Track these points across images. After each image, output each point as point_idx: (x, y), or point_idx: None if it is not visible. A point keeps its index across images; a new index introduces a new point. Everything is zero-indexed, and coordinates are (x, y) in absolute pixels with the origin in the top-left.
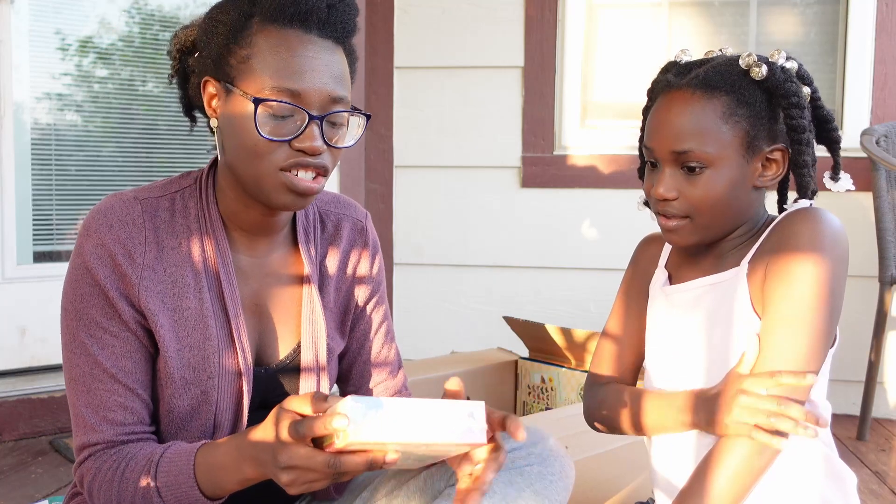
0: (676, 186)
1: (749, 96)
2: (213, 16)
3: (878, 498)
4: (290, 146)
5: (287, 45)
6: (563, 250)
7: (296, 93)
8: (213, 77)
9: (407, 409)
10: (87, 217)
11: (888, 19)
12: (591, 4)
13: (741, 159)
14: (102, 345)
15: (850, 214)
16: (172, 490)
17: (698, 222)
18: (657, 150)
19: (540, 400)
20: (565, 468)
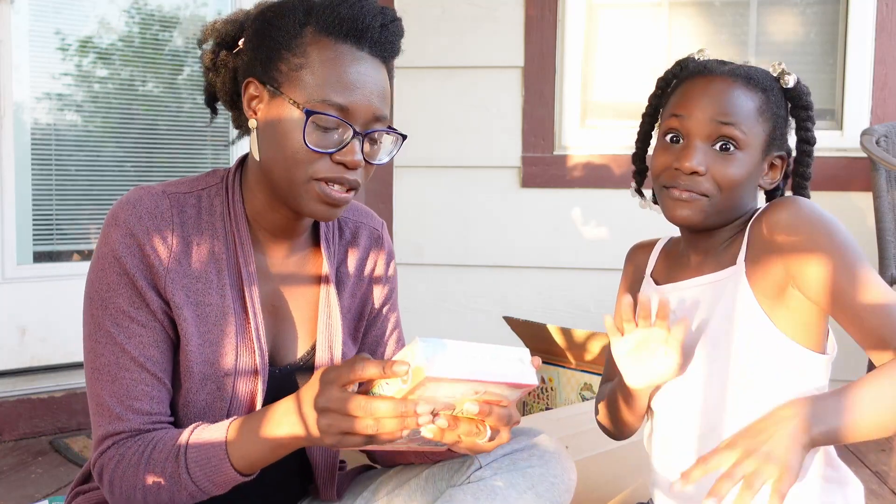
0: (706, 162)
1: (777, 100)
2: (266, 18)
3: (879, 498)
4: (331, 158)
5: (340, 60)
6: (563, 250)
7: (344, 108)
8: (259, 80)
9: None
10: (115, 207)
11: (888, 19)
12: (591, 4)
13: (759, 155)
14: (129, 334)
15: (850, 214)
16: (202, 465)
17: (716, 203)
18: (697, 118)
19: (540, 400)
20: (567, 470)
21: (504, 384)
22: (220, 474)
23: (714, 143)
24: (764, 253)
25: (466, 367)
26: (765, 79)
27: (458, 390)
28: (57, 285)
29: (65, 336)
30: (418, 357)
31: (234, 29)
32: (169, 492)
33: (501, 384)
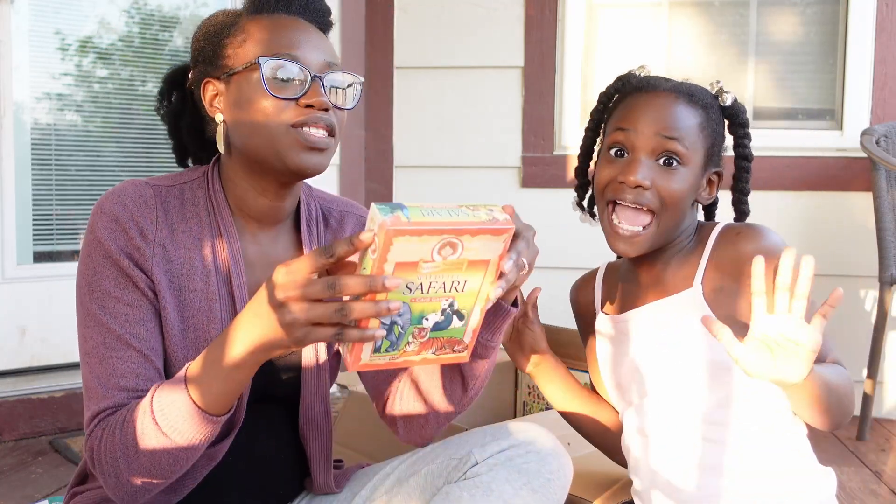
0: (651, 176)
1: (717, 117)
2: (200, 30)
3: (878, 497)
4: (298, 104)
5: (279, 24)
6: (563, 250)
7: (294, 56)
8: (212, 76)
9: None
10: (101, 199)
11: (888, 19)
12: (591, 4)
13: (700, 171)
14: (115, 314)
15: (850, 214)
16: (166, 412)
17: (662, 221)
18: (642, 132)
19: (540, 400)
20: (563, 466)
21: (478, 230)
22: (186, 416)
23: (658, 157)
24: (730, 280)
25: (431, 216)
26: (705, 96)
27: (429, 246)
28: (57, 285)
29: (65, 336)
30: (378, 217)
31: (177, 71)
32: (148, 454)
33: (474, 230)
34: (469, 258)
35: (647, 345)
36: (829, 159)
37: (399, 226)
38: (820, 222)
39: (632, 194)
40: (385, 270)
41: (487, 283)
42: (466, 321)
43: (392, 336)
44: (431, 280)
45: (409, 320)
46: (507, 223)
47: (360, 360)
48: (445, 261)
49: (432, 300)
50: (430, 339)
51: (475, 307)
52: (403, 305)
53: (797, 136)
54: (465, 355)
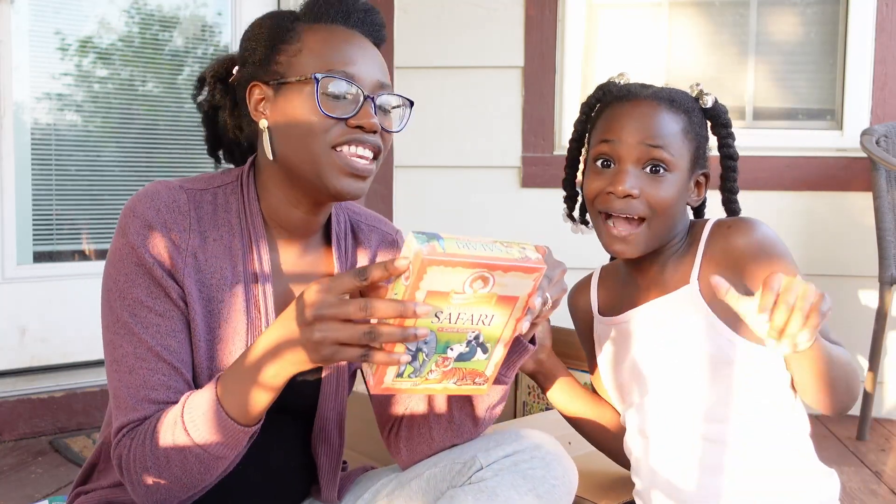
0: (639, 185)
1: (699, 120)
2: (253, 29)
3: (878, 497)
4: (347, 124)
5: (337, 37)
6: (563, 250)
7: (351, 75)
8: (261, 80)
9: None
10: (133, 200)
11: (888, 19)
12: (591, 4)
13: (687, 175)
14: (147, 324)
15: (850, 214)
16: (197, 422)
17: (654, 225)
18: (627, 142)
19: (540, 400)
20: (568, 471)
21: (510, 267)
22: (217, 426)
23: (644, 165)
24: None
25: (466, 249)
26: (686, 100)
27: (462, 278)
28: (57, 285)
29: (65, 336)
30: (414, 245)
31: (224, 63)
32: (179, 463)
33: (506, 267)
34: (499, 293)
35: (646, 344)
36: (829, 159)
37: (434, 255)
38: (820, 222)
39: (621, 204)
40: (416, 298)
41: (513, 319)
42: (490, 354)
43: (416, 363)
44: (460, 311)
45: (435, 349)
46: (539, 262)
47: (382, 382)
48: (476, 294)
49: (459, 331)
50: (452, 369)
51: (499, 342)
52: (430, 333)
53: (797, 136)
54: (485, 388)
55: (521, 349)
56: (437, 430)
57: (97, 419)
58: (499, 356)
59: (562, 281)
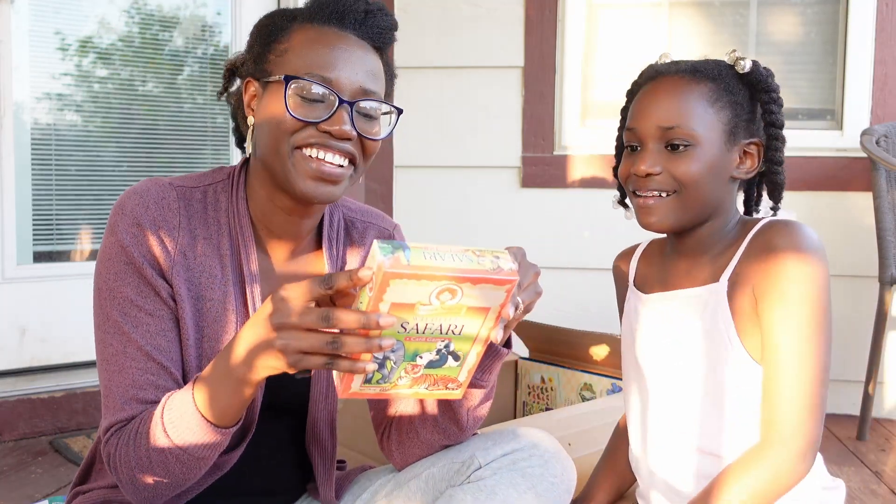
0: (660, 162)
1: (733, 86)
2: (258, 25)
3: (878, 497)
4: (318, 129)
5: (323, 39)
6: (563, 250)
7: (328, 79)
8: (253, 76)
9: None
10: (122, 197)
11: (888, 19)
12: (591, 4)
13: (722, 146)
14: (136, 323)
15: (850, 214)
16: (177, 423)
17: (683, 198)
18: (642, 128)
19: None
20: (567, 470)
21: (479, 279)
22: (194, 428)
23: (665, 144)
24: (746, 271)
25: (433, 261)
26: (714, 68)
27: (429, 290)
28: (57, 285)
29: (64, 336)
30: (377, 257)
31: (241, 59)
32: (161, 464)
33: (475, 279)
34: (468, 304)
35: (657, 334)
36: (829, 159)
37: (397, 268)
38: (820, 222)
39: (646, 183)
40: (380, 309)
41: (486, 328)
42: (462, 362)
43: (384, 370)
44: (428, 322)
45: (403, 357)
46: (511, 274)
47: (349, 388)
48: (444, 305)
49: (428, 340)
50: (423, 376)
51: (472, 350)
52: (397, 342)
53: (797, 136)
54: (459, 393)
55: (495, 353)
56: (423, 432)
57: (97, 419)
58: (472, 362)
59: (535, 284)
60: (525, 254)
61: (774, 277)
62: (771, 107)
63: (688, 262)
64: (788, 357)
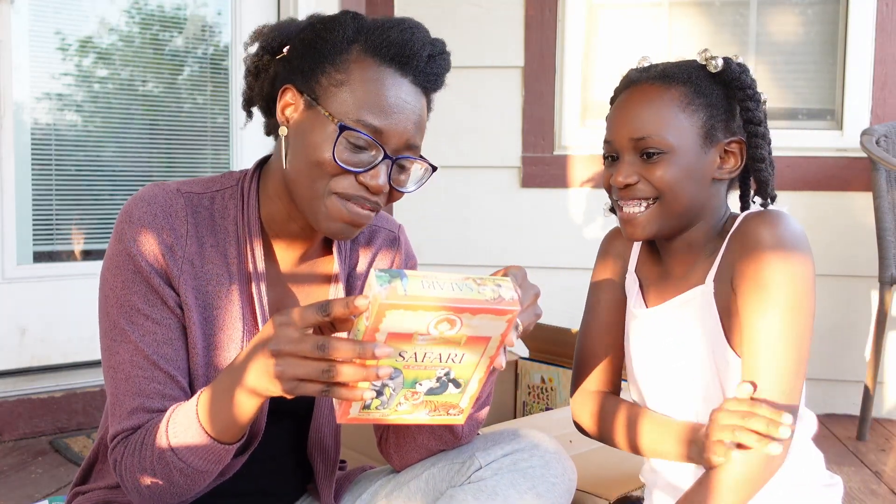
0: (636, 171)
1: (706, 88)
2: (315, 29)
3: (878, 497)
4: (356, 178)
5: (381, 83)
6: (563, 250)
7: (378, 130)
8: (297, 88)
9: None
10: (129, 203)
11: (888, 19)
12: (591, 4)
13: (698, 149)
14: (144, 332)
15: (850, 214)
16: (180, 438)
17: (664, 205)
18: (616, 140)
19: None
20: (567, 470)
21: (478, 310)
22: (198, 444)
23: (640, 153)
24: (727, 267)
25: (430, 291)
26: (685, 71)
27: (426, 321)
28: (57, 285)
29: (65, 336)
30: (374, 287)
31: (280, 35)
32: (165, 476)
33: (474, 309)
34: (468, 334)
35: (651, 345)
36: (829, 159)
37: (393, 300)
38: (820, 222)
39: (626, 193)
40: (377, 339)
41: (487, 357)
42: (463, 389)
43: (383, 397)
44: (426, 351)
45: (402, 384)
46: (512, 303)
47: (347, 413)
48: (442, 335)
49: (427, 368)
50: (424, 402)
51: (473, 377)
52: (395, 370)
53: (797, 136)
54: (462, 419)
55: None
56: (420, 437)
57: (97, 419)
58: (474, 389)
59: (535, 306)
60: (526, 274)
61: (748, 268)
62: (747, 104)
63: (681, 266)
64: (761, 348)
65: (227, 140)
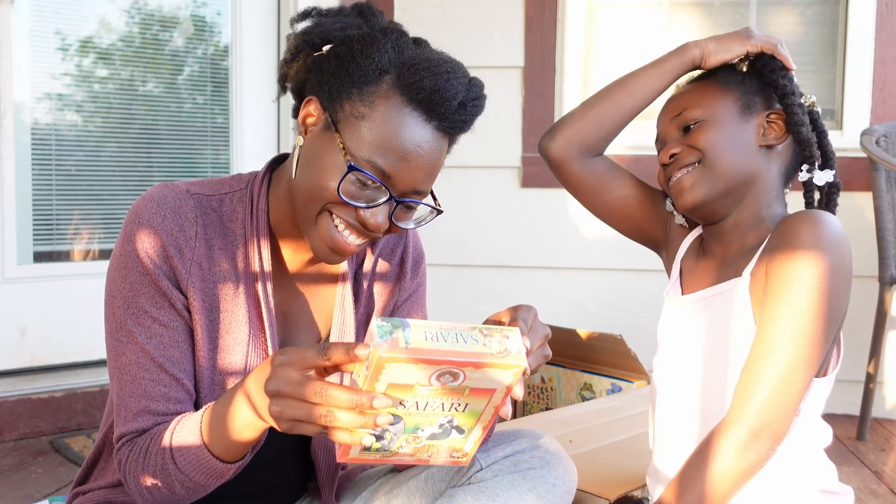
0: (679, 144)
1: (737, 75)
2: (353, 47)
3: (878, 497)
4: (357, 212)
5: (402, 126)
6: (563, 250)
7: (388, 174)
8: (321, 104)
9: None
10: (139, 204)
11: (888, 19)
12: (591, 4)
13: (737, 117)
14: (150, 334)
15: (850, 214)
16: (184, 453)
17: (707, 166)
18: (660, 129)
19: (540, 400)
20: (568, 471)
21: (482, 364)
22: (201, 462)
23: (681, 130)
24: (763, 262)
25: (433, 344)
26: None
27: (427, 373)
28: (57, 285)
29: (65, 336)
30: (375, 337)
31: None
32: (167, 486)
33: (478, 364)
34: (472, 386)
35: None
36: None
37: (393, 353)
38: None
39: (672, 165)
40: (376, 388)
41: (492, 407)
42: (467, 435)
43: (384, 441)
44: (428, 400)
45: (403, 430)
46: (518, 358)
47: (348, 454)
48: (445, 386)
49: (429, 416)
50: (426, 446)
51: (477, 425)
52: (395, 417)
53: None
54: (466, 461)
55: None
56: None
57: (97, 419)
58: (477, 435)
59: (544, 347)
60: (536, 314)
61: (779, 261)
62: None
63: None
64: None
65: (227, 140)
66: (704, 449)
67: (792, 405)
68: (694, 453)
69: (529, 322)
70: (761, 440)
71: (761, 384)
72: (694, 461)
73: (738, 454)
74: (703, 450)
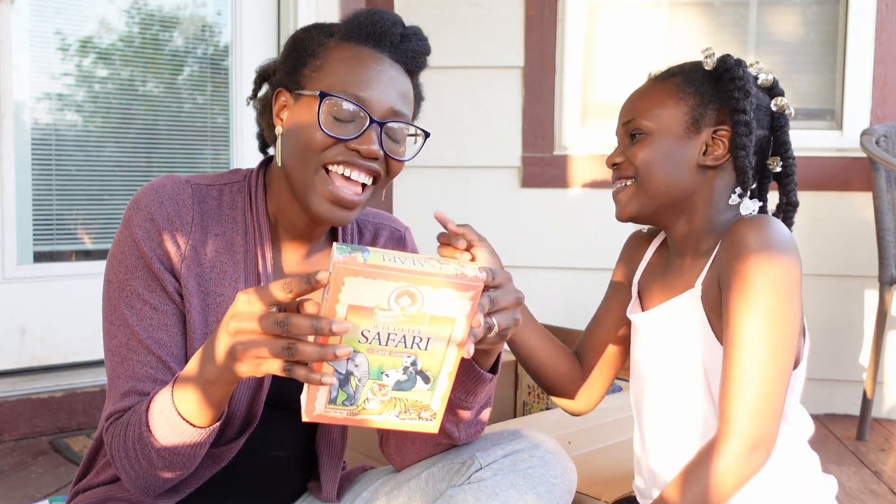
0: (622, 152)
1: (698, 80)
2: (295, 36)
3: (878, 497)
4: (346, 146)
5: (358, 58)
6: (563, 250)
7: (361, 98)
8: (286, 87)
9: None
10: (139, 192)
11: (888, 19)
12: (591, 4)
13: (681, 133)
14: (141, 316)
15: (850, 214)
16: (157, 421)
17: (640, 184)
18: (617, 125)
19: (540, 400)
20: (567, 471)
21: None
22: (173, 426)
23: (627, 136)
24: (716, 270)
25: (391, 262)
26: (684, 67)
27: (386, 292)
28: (57, 285)
29: (65, 336)
30: (334, 255)
31: (273, 66)
32: (146, 459)
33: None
34: (431, 313)
35: (647, 348)
36: (829, 159)
37: (352, 265)
38: (820, 222)
39: (615, 173)
40: (337, 312)
41: (454, 345)
42: (433, 386)
43: (349, 388)
44: (389, 331)
45: (367, 373)
46: (475, 280)
47: (314, 408)
48: (404, 311)
49: (392, 354)
50: (392, 399)
51: (442, 371)
52: (360, 356)
53: (797, 136)
54: (434, 425)
55: (476, 377)
56: (418, 440)
57: (97, 419)
58: (444, 388)
59: (514, 311)
60: (511, 278)
61: (733, 271)
62: (732, 93)
63: (679, 266)
64: (744, 351)
65: (227, 140)
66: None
67: (780, 410)
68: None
69: (499, 279)
70: (758, 452)
71: (748, 397)
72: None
73: (738, 469)
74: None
